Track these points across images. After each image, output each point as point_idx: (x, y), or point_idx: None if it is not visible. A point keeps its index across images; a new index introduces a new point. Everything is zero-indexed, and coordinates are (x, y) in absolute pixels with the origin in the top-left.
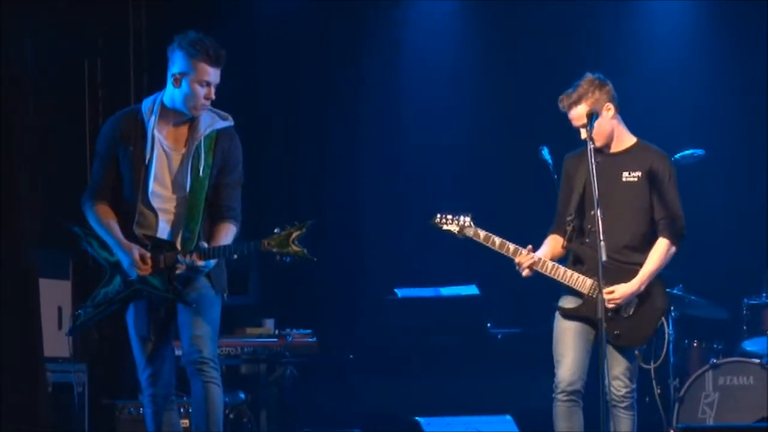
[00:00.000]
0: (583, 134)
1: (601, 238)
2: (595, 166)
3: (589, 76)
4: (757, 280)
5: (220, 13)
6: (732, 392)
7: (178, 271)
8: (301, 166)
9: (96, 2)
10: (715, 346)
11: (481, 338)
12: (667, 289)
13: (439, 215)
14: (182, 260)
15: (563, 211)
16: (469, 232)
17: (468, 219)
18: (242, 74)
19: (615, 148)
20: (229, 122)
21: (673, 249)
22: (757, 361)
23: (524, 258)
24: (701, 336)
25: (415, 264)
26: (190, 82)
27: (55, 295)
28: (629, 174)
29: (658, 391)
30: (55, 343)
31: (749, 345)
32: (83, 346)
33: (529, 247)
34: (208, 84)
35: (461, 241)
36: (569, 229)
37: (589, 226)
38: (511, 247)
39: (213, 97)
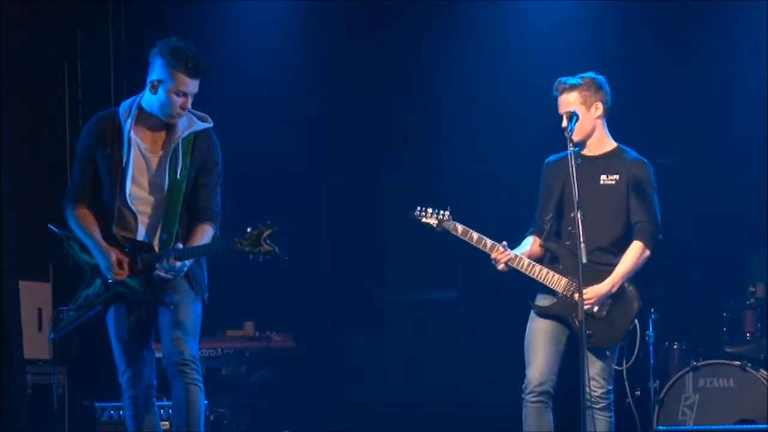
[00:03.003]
0: (565, 122)
1: (581, 240)
2: (575, 168)
3: (591, 75)
4: (737, 282)
5: (199, 15)
6: (712, 394)
7: (157, 272)
8: (283, 168)
9: (75, 4)
10: (695, 348)
11: (460, 340)
12: (648, 291)
13: (418, 208)
14: (160, 266)
15: (542, 214)
16: (448, 225)
17: (447, 213)
18: (221, 77)
19: (594, 151)
20: (208, 123)
21: (647, 253)
22: (738, 363)
23: (500, 254)
24: (682, 338)
25: (396, 267)
26: (167, 91)
27: (35, 298)
28: (607, 177)
29: (638, 393)
30: (36, 345)
31: (729, 347)
32: (63, 348)
33: (504, 243)
34: (185, 94)
35: (441, 243)
36: (547, 228)
37: (569, 228)
38: (489, 242)
39: (189, 106)
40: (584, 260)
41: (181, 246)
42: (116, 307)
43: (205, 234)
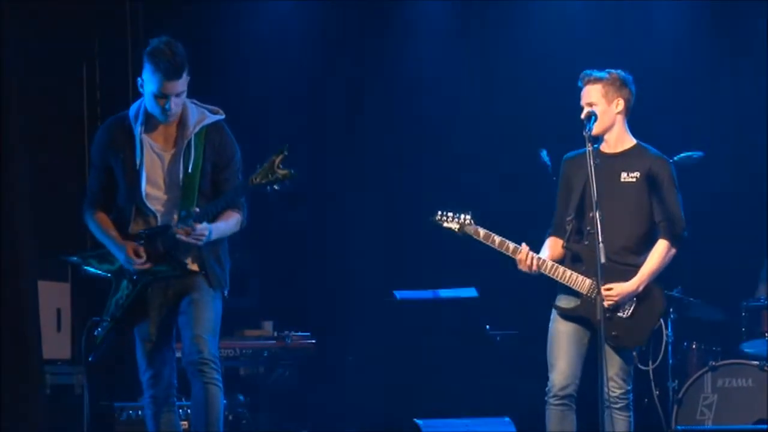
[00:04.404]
0: (584, 114)
1: (600, 240)
2: (594, 167)
3: (619, 71)
4: (756, 282)
5: (216, 16)
6: (731, 394)
7: (178, 236)
8: (302, 167)
9: (93, 4)
10: (713, 348)
11: (480, 340)
12: (666, 291)
13: (439, 213)
14: (180, 226)
15: (562, 213)
16: (470, 230)
17: (468, 217)
18: (237, 76)
19: (614, 148)
20: (219, 116)
21: (673, 251)
22: (756, 363)
23: (524, 256)
24: (700, 338)
25: (414, 266)
26: (149, 93)
27: (54, 298)
28: (628, 174)
29: (657, 392)
30: (54, 345)
31: (748, 347)
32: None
33: (524, 245)
34: (165, 96)
35: (460, 242)
36: (569, 228)
37: (588, 228)
38: (511, 246)
39: (173, 107)
40: (603, 260)
41: (197, 209)
42: (138, 307)
43: (231, 218)
